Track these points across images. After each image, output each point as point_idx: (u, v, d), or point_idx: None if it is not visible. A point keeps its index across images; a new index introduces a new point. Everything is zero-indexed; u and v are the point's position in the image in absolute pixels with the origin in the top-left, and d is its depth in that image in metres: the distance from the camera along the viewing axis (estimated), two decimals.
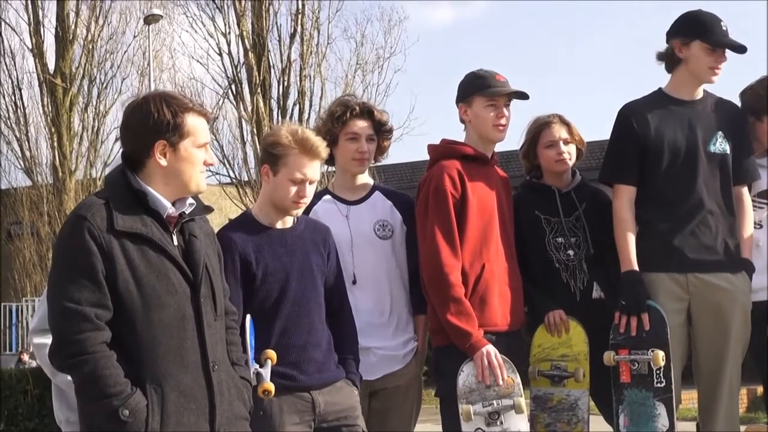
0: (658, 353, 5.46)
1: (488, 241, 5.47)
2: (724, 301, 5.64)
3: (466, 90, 5.63)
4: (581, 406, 5.70)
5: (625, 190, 5.70)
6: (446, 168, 5.47)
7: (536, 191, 5.98)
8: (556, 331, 5.70)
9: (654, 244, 5.64)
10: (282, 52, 23.95)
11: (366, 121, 5.67)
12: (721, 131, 5.75)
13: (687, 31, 5.71)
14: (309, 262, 5.06)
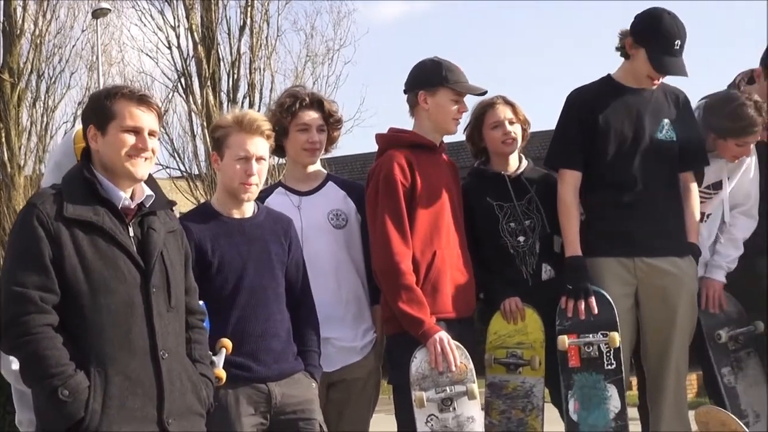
0: (614, 334, 5.51)
1: (439, 229, 5.48)
2: (670, 285, 5.70)
3: (431, 79, 5.58)
4: (536, 394, 5.73)
5: (571, 175, 5.73)
6: (395, 157, 5.46)
7: (486, 178, 5.98)
8: (512, 319, 5.73)
9: (601, 230, 5.70)
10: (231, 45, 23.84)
11: (316, 111, 5.66)
12: (668, 119, 5.80)
13: (641, 35, 5.70)
14: (268, 252, 5.05)
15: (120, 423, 3.93)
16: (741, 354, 6.00)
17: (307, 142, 5.64)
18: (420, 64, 5.66)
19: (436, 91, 5.55)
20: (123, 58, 28.17)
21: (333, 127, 5.76)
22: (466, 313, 5.58)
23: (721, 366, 5.95)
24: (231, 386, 4.76)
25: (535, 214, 5.87)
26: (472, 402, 5.30)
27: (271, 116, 5.65)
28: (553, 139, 5.86)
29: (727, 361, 5.97)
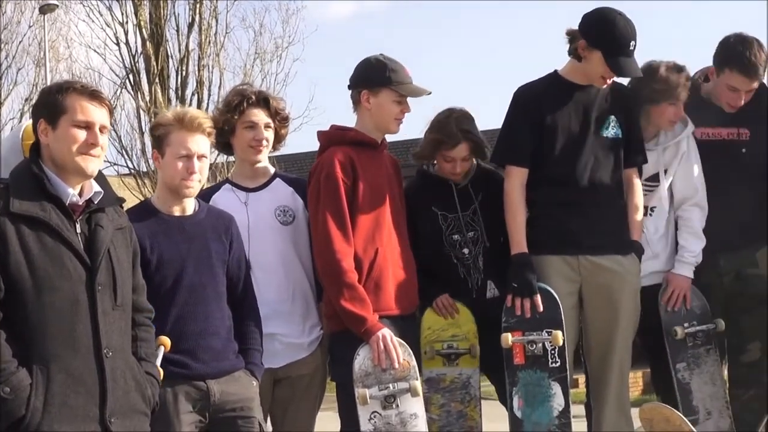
0: (557, 333, 5.53)
1: (381, 226, 5.48)
2: (614, 283, 5.73)
3: (374, 79, 5.54)
4: (473, 384, 5.79)
5: (517, 171, 5.73)
6: (336, 154, 5.45)
7: (433, 184, 5.97)
8: (447, 315, 5.77)
9: (546, 227, 5.71)
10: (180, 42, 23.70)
11: (262, 109, 5.64)
12: (614, 115, 5.82)
13: (596, 38, 5.67)
14: (208, 250, 5.02)
15: (61, 421, 3.90)
16: (700, 351, 6.02)
17: (253, 139, 5.62)
18: (365, 61, 5.62)
19: (379, 91, 5.52)
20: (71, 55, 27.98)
21: (280, 124, 5.74)
22: (408, 310, 5.58)
23: (677, 361, 5.97)
24: (169, 384, 4.73)
25: (479, 225, 5.89)
26: (415, 399, 5.31)
27: (219, 114, 5.65)
28: (500, 136, 5.86)
29: (683, 357, 5.99)
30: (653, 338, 6.03)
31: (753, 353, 6.22)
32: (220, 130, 5.36)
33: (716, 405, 6.03)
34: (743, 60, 6.01)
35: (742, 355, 6.24)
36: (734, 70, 6.02)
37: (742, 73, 6.02)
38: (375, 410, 5.28)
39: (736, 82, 6.03)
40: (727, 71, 6.06)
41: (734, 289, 6.20)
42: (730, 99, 6.09)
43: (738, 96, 6.07)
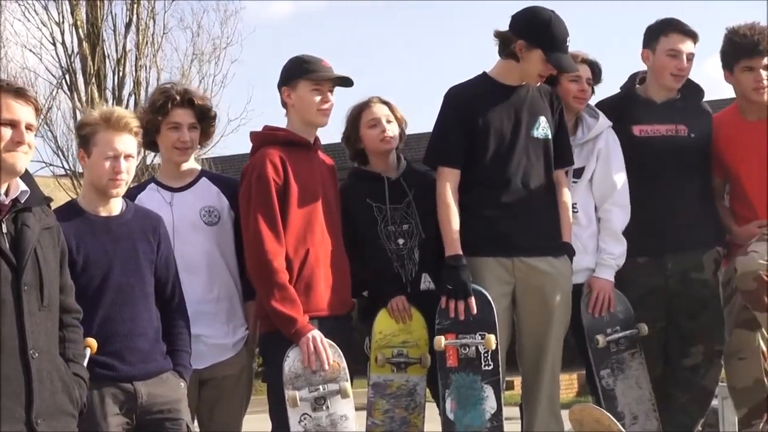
0: (490, 337, 5.52)
1: (312, 227, 5.47)
2: (547, 285, 5.74)
3: (290, 73, 5.59)
4: (419, 392, 5.77)
5: (450, 173, 5.72)
6: (268, 155, 5.44)
7: (365, 179, 5.96)
8: (400, 318, 5.73)
9: (480, 229, 5.69)
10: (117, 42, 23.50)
11: (187, 109, 5.61)
12: (543, 116, 5.82)
13: (535, 38, 5.69)
14: (135, 250, 4.98)
15: None
16: (624, 355, 6.02)
17: (178, 140, 5.59)
18: (286, 63, 5.66)
19: (296, 85, 5.54)
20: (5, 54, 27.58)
21: (206, 124, 5.72)
22: (341, 310, 5.57)
23: (600, 368, 5.98)
24: (96, 386, 4.67)
25: (414, 218, 5.88)
26: (345, 400, 5.32)
27: (143, 114, 5.60)
28: (432, 137, 5.85)
29: (607, 363, 5.99)
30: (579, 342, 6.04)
31: (696, 357, 6.27)
32: (145, 129, 5.30)
33: (642, 408, 6.03)
34: (675, 21, 6.17)
35: (685, 358, 6.27)
36: (670, 32, 6.14)
37: (678, 32, 6.14)
38: (305, 412, 5.27)
39: (674, 42, 6.12)
40: (662, 38, 6.14)
41: (679, 291, 6.22)
42: (673, 67, 6.14)
43: (681, 60, 6.13)
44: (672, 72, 6.16)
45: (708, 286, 6.25)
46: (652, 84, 6.29)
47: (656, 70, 6.22)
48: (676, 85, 6.22)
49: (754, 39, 6.04)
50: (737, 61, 6.13)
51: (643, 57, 6.28)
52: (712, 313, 6.25)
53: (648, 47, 6.23)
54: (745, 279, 5.87)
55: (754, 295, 5.86)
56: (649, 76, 6.32)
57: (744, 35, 6.07)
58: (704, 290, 6.23)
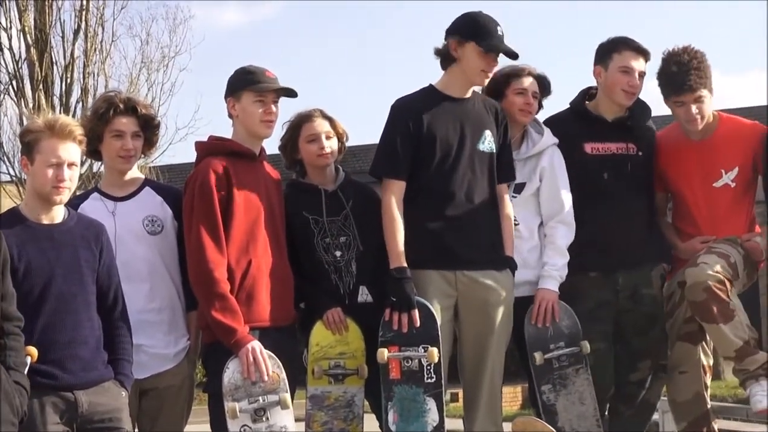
0: (433, 350, 5.52)
1: (255, 238, 5.47)
2: (490, 298, 5.75)
3: (234, 84, 5.61)
4: (357, 403, 5.76)
5: (395, 185, 5.72)
6: (212, 164, 5.44)
7: (303, 191, 5.96)
8: (336, 330, 5.72)
9: (424, 241, 5.70)
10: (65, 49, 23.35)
11: (131, 117, 5.59)
12: (489, 130, 5.84)
13: (464, 31, 5.76)
14: (77, 259, 4.96)
15: None
16: (568, 371, 6.02)
17: (121, 149, 5.57)
18: (231, 74, 5.68)
19: (240, 96, 5.56)
20: None
21: (151, 132, 5.70)
22: (283, 321, 5.56)
23: (542, 383, 5.99)
24: (36, 395, 4.65)
25: (351, 230, 5.88)
26: (285, 411, 5.30)
27: (86, 122, 5.58)
28: (378, 149, 5.85)
29: (548, 379, 5.99)
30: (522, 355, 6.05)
31: (643, 372, 6.33)
32: (88, 137, 5.27)
33: (584, 425, 6.02)
34: (628, 39, 6.24)
35: (633, 373, 6.32)
36: (623, 49, 6.20)
37: (631, 49, 6.20)
38: (245, 423, 5.25)
39: (627, 59, 6.17)
40: (615, 55, 6.20)
41: (629, 307, 6.26)
42: (625, 84, 6.19)
43: (633, 77, 6.18)
44: (624, 88, 6.20)
45: (656, 302, 6.32)
46: (603, 101, 6.33)
47: (608, 86, 6.26)
48: (628, 102, 6.27)
49: (682, 77, 6.06)
50: (668, 97, 6.19)
51: (595, 73, 6.32)
52: (660, 329, 6.31)
53: (600, 64, 6.28)
54: (694, 290, 5.93)
55: (703, 305, 5.92)
56: (600, 93, 6.35)
57: (673, 73, 6.10)
58: (653, 306, 6.29)
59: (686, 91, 6.07)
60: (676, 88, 6.10)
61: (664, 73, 6.16)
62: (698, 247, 6.18)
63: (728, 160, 6.25)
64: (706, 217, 6.28)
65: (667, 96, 6.19)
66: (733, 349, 5.94)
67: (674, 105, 6.16)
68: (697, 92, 6.08)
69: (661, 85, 6.21)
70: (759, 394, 5.89)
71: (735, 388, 14.58)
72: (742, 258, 6.11)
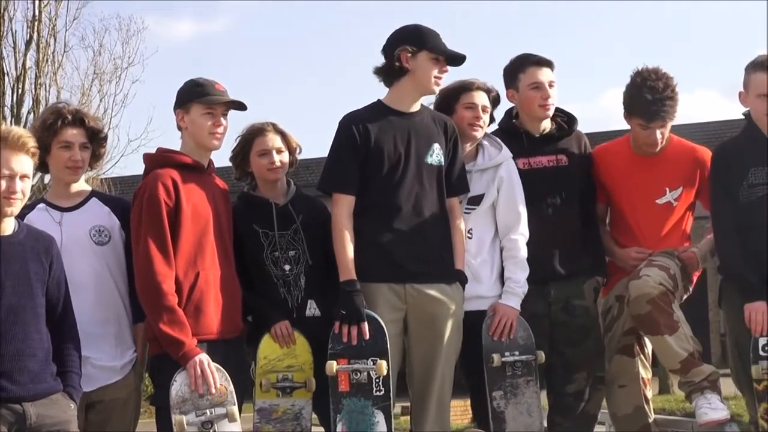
0: (381, 363, 5.53)
1: (203, 250, 5.48)
2: (439, 312, 5.77)
3: (184, 96, 5.63)
4: (305, 416, 5.78)
5: (345, 199, 5.74)
6: (160, 176, 5.45)
7: (254, 204, 5.98)
8: (284, 343, 5.73)
9: (372, 255, 5.71)
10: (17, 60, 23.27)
11: (78, 128, 5.59)
12: (437, 143, 5.86)
13: (414, 42, 5.80)
14: (27, 271, 4.91)
15: None
16: (519, 381, 6.05)
17: (69, 159, 5.56)
18: (181, 85, 5.69)
19: (189, 108, 5.59)
20: None
21: (98, 144, 5.70)
22: (231, 334, 5.57)
23: (494, 389, 6.01)
24: None
25: (301, 244, 5.91)
26: (232, 424, 5.29)
27: (34, 132, 5.52)
28: (326, 164, 5.87)
29: (500, 385, 6.02)
30: (474, 364, 6.06)
31: (579, 383, 6.36)
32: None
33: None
34: (528, 56, 6.35)
35: (569, 385, 6.36)
36: (526, 67, 6.30)
37: (534, 64, 6.30)
38: None
39: (533, 75, 6.27)
40: (521, 75, 6.29)
41: (562, 319, 6.31)
42: (539, 98, 6.28)
43: (544, 90, 6.27)
44: (539, 104, 6.29)
45: (589, 314, 6.38)
46: (525, 118, 6.42)
47: (524, 105, 6.36)
48: (546, 114, 6.35)
49: (657, 107, 6.15)
50: (633, 118, 6.28)
51: (509, 97, 6.42)
52: (593, 340, 6.37)
53: (511, 87, 6.38)
54: (639, 302, 6.01)
55: (648, 318, 6.01)
56: (520, 112, 6.45)
57: (648, 101, 6.16)
58: (586, 317, 6.36)
59: (657, 120, 6.18)
60: (649, 117, 6.19)
61: (636, 97, 6.23)
62: (633, 255, 6.32)
63: (674, 179, 6.38)
64: (645, 232, 6.41)
65: (633, 116, 6.27)
66: (678, 361, 6.02)
67: (638, 126, 6.25)
68: (666, 121, 6.18)
69: (629, 105, 6.29)
70: (705, 407, 5.97)
71: (684, 401, 14.65)
72: (680, 270, 6.22)
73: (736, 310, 6.11)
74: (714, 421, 5.97)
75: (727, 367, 6.39)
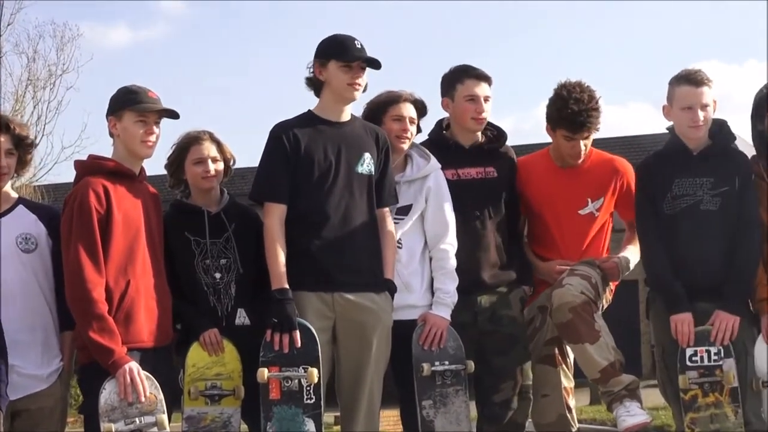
0: (312, 370, 5.55)
1: (134, 258, 5.47)
2: (368, 321, 5.79)
3: (116, 104, 5.62)
4: (234, 424, 5.79)
5: (276, 208, 5.75)
6: (91, 184, 5.43)
7: (186, 212, 6.00)
8: (213, 351, 5.74)
9: (302, 263, 5.72)
10: None
11: (4, 135, 5.55)
12: (368, 153, 5.90)
13: (323, 53, 5.86)
14: None
15: None
16: (448, 390, 6.08)
17: None
18: (114, 93, 5.68)
19: (122, 115, 5.58)
20: None
21: (24, 150, 5.67)
22: (161, 342, 5.57)
23: (423, 398, 6.02)
24: None
25: (233, 253, 5.93)
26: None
27: None
28: (257, 173, 5.88)
29: (430, 394, 6.04)
30: (404, 374, 6.09)
31: (506, 392, 6.39)
32: None
33: None
34: (468, 68, 6.40)
35: (496, 394, 6.38)
36: (465, 79, 6.35)
37: (473, 77, 6.36)
38: None
39: (470, 88, 6.32)
40: (459, 86, 6.35)
41: (489, 329, 6.35)
42: (473, 111, 6.33)
43: (479, 104, 6.32)
44: (472, 116, 6.35)
45: (516, 324, 6.42)
46: (457, 129, 6.48)
47: (457, 116, 6.41)
48: (478, 128, 6.42)
49: (582, 119, 6.25)
50: (557, 130, 6.37)
51: (444, 105, 6.46)
52: (520, 350, 6.42)
53: (447, 96, 6.43)
54: (561, 311, 6.09)
55: (569, 326, 6.08)
56: (453, 123, 6.50)
57: (573, 112, 6.26)
58: (513, 327, 6.39)
59: (582, 131, 6.28)
60: (573, 128, 6.29)
61: (562, 109, 6.31)
62: (557, 268, 6.39)
63: (595, 190, 6.48)
64: (569, 243, 6.50)
65: (557, 128, 6.36)
66: (598, 370, 6.10)
67: (562, 138, 6.33)
68: (590, 132, 6.27)
69: (555, 118, 6.36)
70: (624, 415, 6.05)
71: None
72: (601, 279, 6.31)
73: (662, 321, 6.20)
74: (634, 426, 6.04)
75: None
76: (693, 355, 6.02)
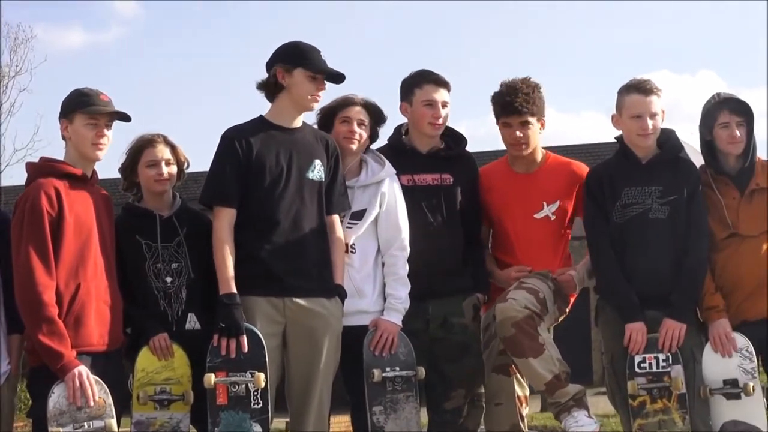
0: (259, 375, 5.56)
1: (85, 261, 5.45)
2: (318, 326, 5.79)
3: (68, 106, 5.61)
4: (183, 429, 5.78)
5: (226, 212, 5.74)
6: (43, 186, 5.41)
7: (138, 215, 5.98)
8: (162, 356, 5.72)
9: (251, 268, 5.71)
10: None
11: None
12: (318, 159, 5.91)
13: (290, 59, 5.85)
14: None
15: None
16: (399, 396, 6.09)
17: None
18: (66, 95, 5.66)
19: (73, 118, 5.58)
20: None
21: None
22: (112, 346, 5.55)
23: (374, 404, 6.03)
24: None
25: (184, 257, 5.92)
26: None
27: None
28: (208, 177, 5.87)
29: (381, 400, 6.05)
30: (355, 379, 6.10)
31: (457, 400, 6.39)
32: None
33: None
34: (427, 73, 6.42)
35: (447, 402, 6.38)
36: (423, 84, 6.37)
37: (431, 83, 6.37)
38: None
39: (429, 93, 6.34)
40: (417, 90, 6.36)
41: (440, 336, 6.35)
42: (430, 116, 6.35)
43: (437, 109, 6.34)
44: (429, 121, 6.36)
45: (468, 331, 6.41)
46: (414, 134, 6.49)
47: (415, 121, 6.42)
48: (435, 133, 6.43)
49: (510, 99, 6.31)
50: (497, 118, 6.46)
51: (402, 110, 6.47)
52: (472, 357, 6.41)
53: (405, 100, 6.44)
54: (504, 325, 6.09)
55: (513, 340, 6.09)
56: (411, 128, 6.52)
57: (503, 93, 6.37)
58: (464, 335, 6.39)
59: (512, 112, 6.33)
60: (504, 109, 6.36)
61: (496, 95, 6.42)
62: (513, 275, 6.40)
63: (550, 193, 6.49)
64: (525, 247, 6.49)
65: (497, 117, 6.43)
66: (543, 383, 6.11)
67: (502, 126, 6.41)
68: (524, 116, 6.34)
69: (495, 110, 6.44)
70: (573, 426, 6.06)
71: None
72: (552, 292, 6.32)
73: (611, 329, 6.25)
74: None
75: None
76: (642, 361, 6.08)
